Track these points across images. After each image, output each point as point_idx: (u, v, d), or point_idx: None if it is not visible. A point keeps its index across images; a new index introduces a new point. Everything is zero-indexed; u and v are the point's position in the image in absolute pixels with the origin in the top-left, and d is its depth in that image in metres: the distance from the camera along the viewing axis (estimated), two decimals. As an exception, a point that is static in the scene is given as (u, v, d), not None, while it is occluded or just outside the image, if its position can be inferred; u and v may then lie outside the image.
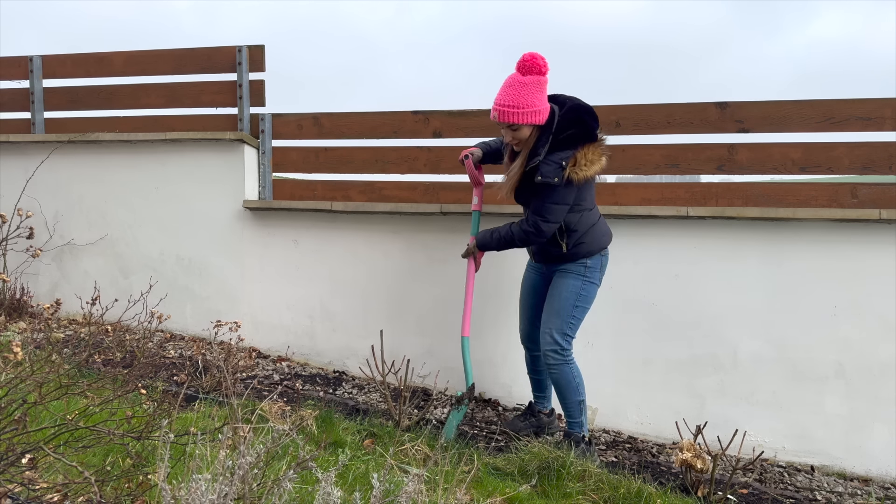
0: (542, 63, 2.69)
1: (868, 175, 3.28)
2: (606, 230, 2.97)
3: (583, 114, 2.74)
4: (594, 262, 2.89)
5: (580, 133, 2.70)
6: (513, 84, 2.70)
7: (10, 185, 4.42)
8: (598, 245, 2.89)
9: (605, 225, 2.98)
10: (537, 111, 2.70)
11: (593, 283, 2.91)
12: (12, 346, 1.98)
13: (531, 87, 2.69)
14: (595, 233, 2.88)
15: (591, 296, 2.91)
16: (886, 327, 3.11)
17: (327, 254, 3.96)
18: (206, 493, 1.42)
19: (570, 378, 2.87)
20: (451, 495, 2.04)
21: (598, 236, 2.89)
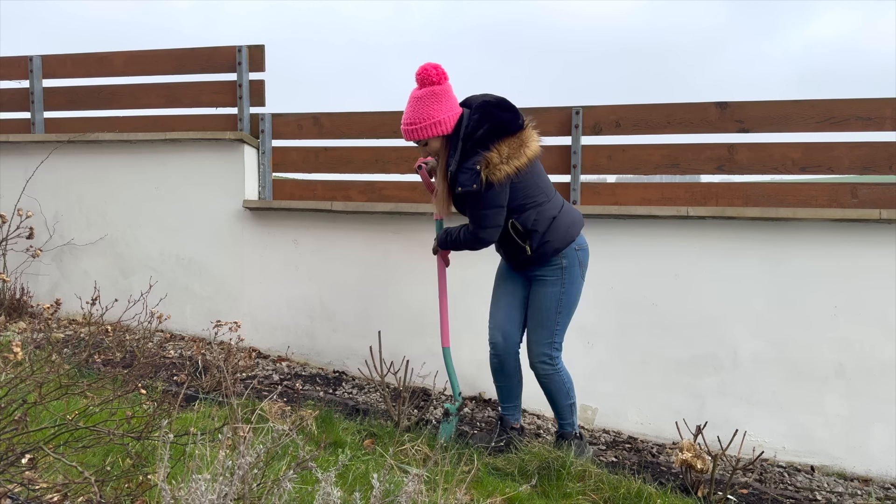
0: (433, 73, 2.61)
1: (868, 175, 3.28)
2: (572, 220, 2.72)
3: (490, 109, 2.59)
4: (570, 261, 2.70)
5: (490, 131, 2.55)
6: (410, 101, 2.66)
7: (10, 185, 4.42)
8: (565, 239, 2.68)
9: (569, 214, 2.73)
10: (437, 122, 2.61)
11: (573, 284, 2.73)
12: (12, 346, 1.97)
13: (426, 99, 2.62)
14: (559, 226, 2.67)
15: (574, 296, 2.76)
16: (886, 327, 3.11)
17: (327, 254, 3.96)
18: (206, 494, 1.42)
19: (561, 385, 2.80)
20: (451, 495, 2.04)
21: (562, 229, 2.67)
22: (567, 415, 2.85)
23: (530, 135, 2.62)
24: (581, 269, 2.75)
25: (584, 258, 2.77)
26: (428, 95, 2.63)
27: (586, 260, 2.79)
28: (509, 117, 2.58)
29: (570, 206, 2.78)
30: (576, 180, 3.61)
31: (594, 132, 3.61)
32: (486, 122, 2.56)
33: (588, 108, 3.61)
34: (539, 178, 2.67)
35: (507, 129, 2.56)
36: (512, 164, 2.53)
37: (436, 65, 2.64)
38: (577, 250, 2.72)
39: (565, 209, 2.73)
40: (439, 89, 2.63)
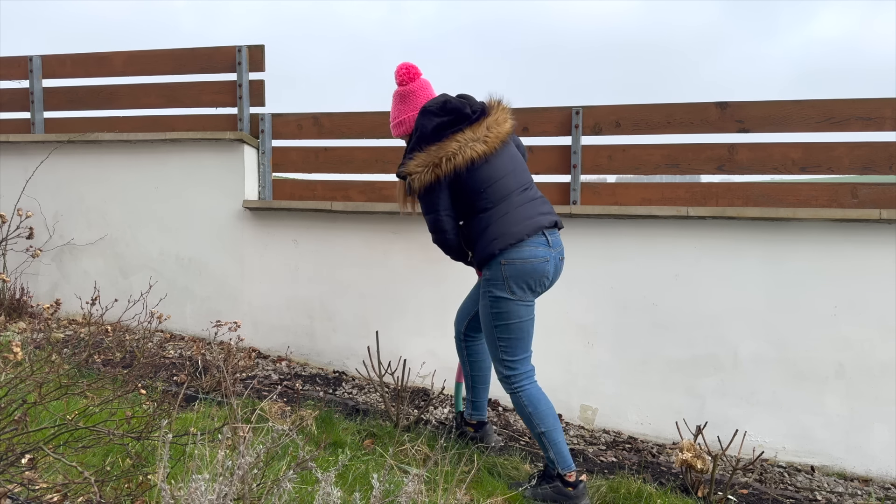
0: (402, 73, 2.66)
1: (868, 175, 3.28)
2: (500, 232, 2.46)
3: (424, 115, 2.52)
4: (492, 274, 2.48)
5: (417, 139, 2.51)
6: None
7: (10, 185, 4.42)
8: (484, 251, 2.47)
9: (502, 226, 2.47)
10: (399, 122, 2.69)
11: (498, 300, 2.47)
12: (12, 346, 1.97)
13: (395, 98, 2.71)
14: (485, 238, 2.48)
15: (506, 313, 2.47)
16: (886, 327, 3.11)
17: (327, 254, 3.96)
18: (206, 494, 1.41)
19: (521, 409, 2.51)
20: (451, 495, 2.04)
21: (487, 241, 2.47)
22: (541, 445, 2.51)
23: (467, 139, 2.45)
24: (507, 284, 2.45)
25: (516, 273, 2.44)
26: (396, 95, 2.70)
27: (523, 276, 2.45)
28: (438, 123, 2.48)
29: (518, 214, 2.50)
30: (576, 180, 3.61)
31: (594, 132, 3.61)
32: (416, 129, 2.54)
33: (588, 108, 3.61)
34: (484, 184, 2.49)
35: (432, 137, 2.48)
36: (431, 173, 2.47)
37: (407, 65, 2.66)
38: (504, 264, 2.44)
39: (502, 220, 2.49)
40: (404, 90, 2.67)
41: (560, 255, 2.57)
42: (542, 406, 2.49)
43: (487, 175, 2.49)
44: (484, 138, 2.48)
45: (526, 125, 3.68)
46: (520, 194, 2.54)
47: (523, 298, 2.48)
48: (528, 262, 2.45)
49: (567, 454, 2.48)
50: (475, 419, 2.93)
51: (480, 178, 2.48)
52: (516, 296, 2.46)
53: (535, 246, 2.47)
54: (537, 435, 2.50)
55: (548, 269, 2.49)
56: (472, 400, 2.93)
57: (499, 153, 2.52)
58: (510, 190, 2.52)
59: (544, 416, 2.48)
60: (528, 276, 2.45)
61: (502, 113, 2.57)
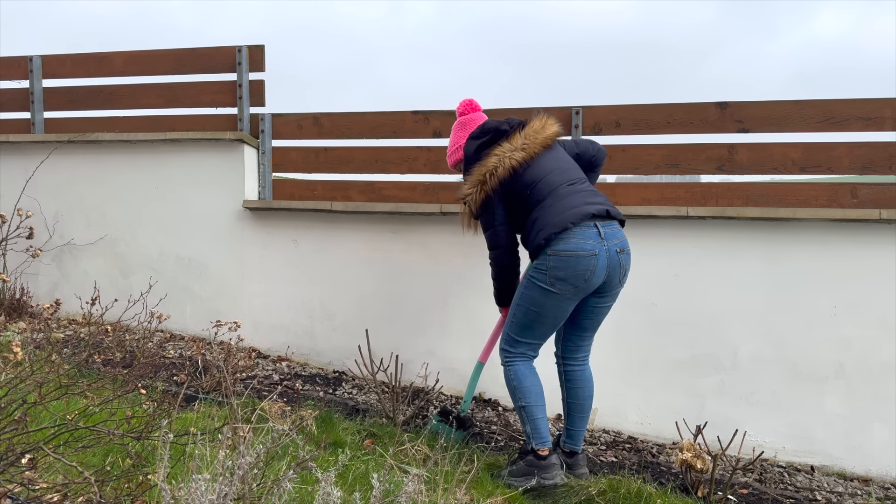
0: (462, 104, 2.93)
1: (868, 175, 3.28)
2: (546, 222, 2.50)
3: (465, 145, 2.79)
4: (539, 262, 2.51)
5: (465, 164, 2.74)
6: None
7: (10, 185, 4.42)
8: (533, 243, 2.53)
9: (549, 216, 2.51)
10: (455, 150, 2.90)
11: (536, 283, 2.51)
12: (12, 346, 1.97)
13: (453, 130, 2.93)
14: (534, 230, 2.55)
15: (530, 298, 2.53)
16: (886, 327, 3.11)
17: (327, 254, 3.96)
18: (206, 494, 1.42)
19: (507, 381, 2.64)
20: (451, 495, 2.04)
21: (535, 233, 2.53)
22: (520, 419, 2.65)
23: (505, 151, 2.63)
24: (548, 276, 2.47)
25: (560, 266, 2.45)
26: (456, 125, 2.92)
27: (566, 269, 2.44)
28: (477, 145, 2.70)
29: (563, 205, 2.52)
30: (576, 180, 3.61)
31: (594, 132, 3.61)
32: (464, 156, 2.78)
33: (588, 108, 3.61)
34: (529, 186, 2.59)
35: (473, 159, 2.70)
36: (482, 191, 2.64)
37: (469, 100, 2.94)
38: (550, 255, 2.46)
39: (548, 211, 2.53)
40: (463, 119, 2.90)
41: (618, 247, 2.51)
42: (527, 382, 2.59)
43: (531, 177, 2.61)
44: (522, 146, 2.63)
45: (526, 125, 3.68)
46: (567, 187, 2.59)
47: (560, 293, 2.48)
48: (573, 255, 2.43)
49: (544, 431, 2.55)
50: (568, 447, 2.75)
51: (525, 182, 2.61)
52: (554, 288, 2.48)
53: (584, 238, 2.45)
54: (518, 409, 2.61)
55: (594, 263, 2.44)
56: (568, 428, 2.76)
57: (541, 156, 2.65)
58: (556, 185, 2.59)
59: (527, 392, 2.58)
60: (571, 269, 2.43)
61: (543, 121, 2.72)
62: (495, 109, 3.78)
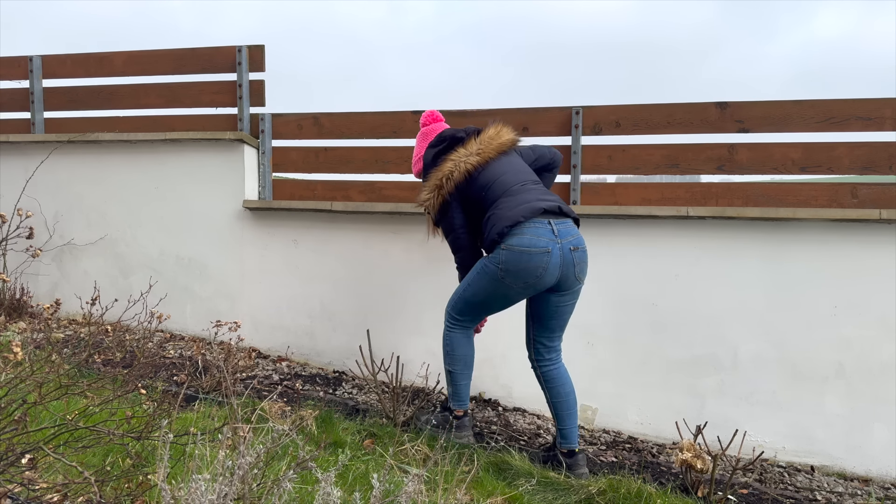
0: (424, 116, 3.04)
1: (868, 175, 3.28)
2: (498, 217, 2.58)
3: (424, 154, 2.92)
4: (493, 256, 2.59)
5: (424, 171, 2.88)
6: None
7: (10, 185, 4.42)
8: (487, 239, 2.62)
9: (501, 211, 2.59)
10: (417, 160, 3.03)
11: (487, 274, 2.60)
12: (12, 346, 1.97)
13: (416, 140, 3.07)
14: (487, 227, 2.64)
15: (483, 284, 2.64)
16: (886, 327, 3.11)
17: (327, 254, 3.96)
18: (206, 494, 1.42)
19: (443, 344, 2.84)
20: (451, 495, 2.04)
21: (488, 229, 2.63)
22: (447, 381, 2.88)
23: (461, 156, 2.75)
24: (499, 268, 2.55)
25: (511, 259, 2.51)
26: (419, 136, 3.06)
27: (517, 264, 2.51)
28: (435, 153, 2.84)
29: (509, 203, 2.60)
30: (576, 180, 3.61)
31: (594, 132, 3.61)
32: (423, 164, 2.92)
33: (588, 108, 3.61)
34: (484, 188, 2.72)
35: (430, 166, 2.83)
36: (438, 195, 2.76)
37: (431, 111, 3.06)
38: (503, 249, 2.53)
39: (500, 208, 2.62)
40: (425, 129, 3.03)
41: (572, 245, 2.55)
42: (460, 351, 2.80)
43: (486, 179, 2.72)
44: (477, 151, 2.76)
45: (526, 125, 3.68)
46: (520, 187, 2.68)
47: (510, 287, 2.58)
48: (525, 251, 2.49)
49: (464, 396, 2.84)
50: (565, 447, 2.73)
51: (480, 184, 2.72)
52: (503, 282, 2.58)
53: (537, 235, 2.51)
54: (446, 371, 2.85)
55: (546, 260, 2.49)
56: (560, 428, 2.74)
57: (496, 160, 2.77)
58: (508, 185, 2.69)
59: (458, 360, 2.80)
60: (523, 265, 2.50)
61: (500, 128, 2.85)
62: (495, 109, 3.78)
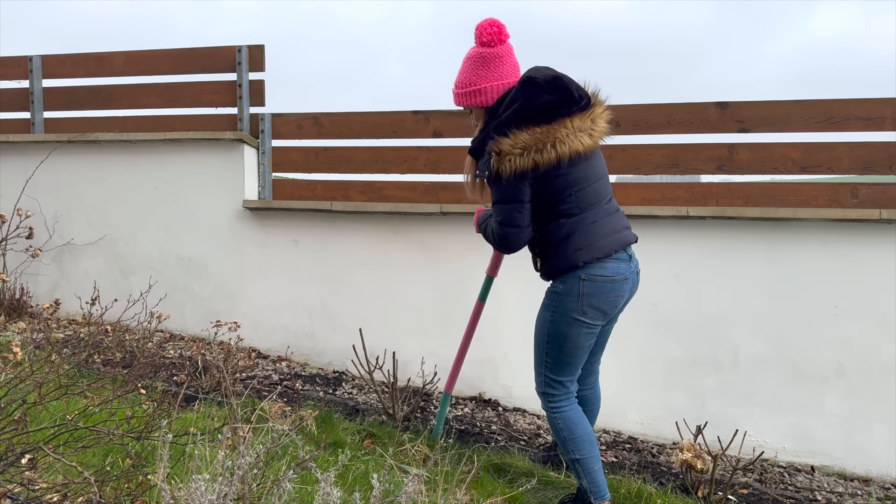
0: (486, 32, 2.22)
1: (868, 175, 3.29)
2: (587, 243, 2.18)
3: (530, 86, 2.12)
4: (566, 288, 2.20)
5: (516, 112, 2.11)
6: (463, 59, 2.32)
7: (10, 185, 4.42)
8: (566, 262, 2.18)
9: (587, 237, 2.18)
10: (476, 91, 2.24)
11: (563, 316, 2.21)
12: (12, 346, 1.97)
13: (472, 61, 2.25)
14: (568, 246, 2.18)
15: (563, 330, 2.22)
16: (886, 327, 3.11)
17: (327, 254, 3.96)
18: (206, 494, 1.41)
19: (556, 430, 2.31)
20: (451, 495, 2.04)
21: (569, 251, 2.18)
22: (574, 472, 2.31)
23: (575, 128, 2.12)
24: (580, 303, 2.18)
25: (594, 292, 2.18)
26: (476, 58, 2.25)
27: (600, 296, 2.19)
28: (546, 101, 2.10)
29: (606, 226, 2.22)
30: (576, 180, 3.60)
31: (594, 132, 3.60)
32: (516, 100, 2.13)
33: (588, 108, 3.60)
34: (575, 187, 2.18)
35: (537, 116, 2.10)
36: (529, 158, 2.08)
37: (494, 21, 2.23)
38: (583, 280, 2.17)
39: (590, 229, 2.20)
40: (489, 53, 2.23)
41: (637, 268, 2.32)
42: (579, 432, 2.27)
43: (584, 175, 2.18)
44: (590, 131, 2.15)
45: (526, 125, 3.68)
46: (607, 203, 2.27)
47: (592, 322, 2.22)
48: (609, 281, 2.19)
49: (602, 483, 2.28)
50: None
51: (574, 178, 2.17)
52: (586, 317, 2.20)
53: (618, 262, 2.22)
54: (571, 461, 2.29)
55: (625, 288, 2.25)
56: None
57: (597, 153, 2.25)
58: (601, 197, 2.24)
59: (580, 443, 2.26)
60: (605, 296, 2.20)
61: (604, 109, 2.23)
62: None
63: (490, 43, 2.23)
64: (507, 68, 2.25)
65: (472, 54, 2.27)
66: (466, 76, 2.27)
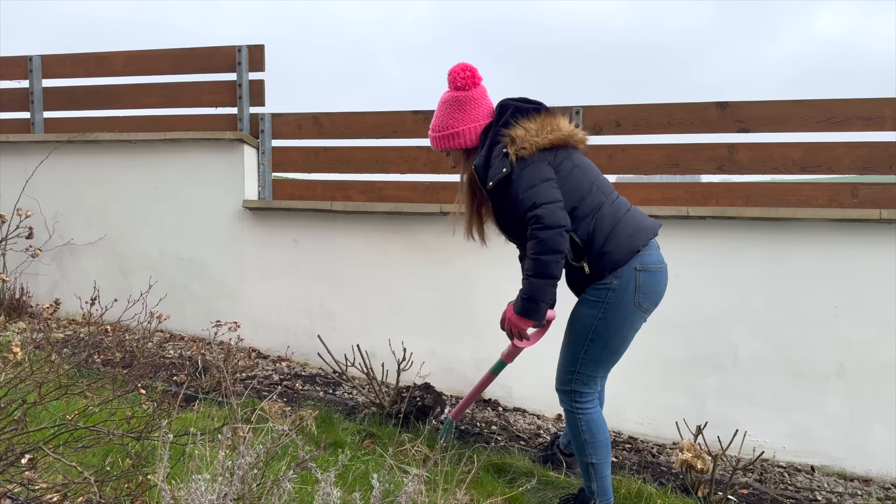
0: (459, 76, 2.29)
1: (868, 175, 3.29)
2: (636, 226, 2.18)
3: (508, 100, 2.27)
4: (622, 282, 2.14)
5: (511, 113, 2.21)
6: (438, 104, 2.37)
7: (10, 185, 4.42)
8: (627, 249, 2.13)
9: (634, 219, 2.20)
10: (455, 133, 2.30)
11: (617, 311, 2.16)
12: (12, 346, 1.97)
13: (448, 105, 2.31)
14: (620, 233, 2.15)
15: (615, 326, 2.17)
16: (886, 327, 3.11)
17: (327, 254, 3.96)
18: (206, 494, 1.41)
19: (578, 431, 2.25)
20: (451, 495, 2.04)
21: (624, 237, 2.14)
22: (584, 474, 2.30)
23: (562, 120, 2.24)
24: (636, 296, 2.15)
25: (650, 282, 2.16)
26: (451, 101, 2.31)
27: (654, 285, 2.18)
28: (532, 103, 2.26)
29: (636, 211, 2.26)
30: (576, 180, 3.60)
31: (594, 132, 3.61)
32: (503, 110, 2.24)
33: (588, 107, 3.61)
34: (591, 173, 2.23)
35: (530, 110, 2.22)
36: (545, 137, 2.14)
37: (466, 66, 2.29)
38: (639, 270, 2.14)
39: (633, 213, 2.23)
40: (464, 96, 2.29)
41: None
42: (601, 436, 2.25)
43: (591, 167, 2.27)
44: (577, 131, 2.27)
45: (526, 125, 3.68)
46: (618, 197, 2.28)
47: (646, 313, 2.21)
48: (659, 269, 2.19)
49: (609, 487, 2.28)
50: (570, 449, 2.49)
51: (588, 167, 2.24)
52: (641, 308, 2.17)
53: (657, 251, 2.23)
54: (585, 464, 2.27)
55: (667, 277, 2.25)
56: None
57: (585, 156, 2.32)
58: (609, 191, 2.25)
59: (600, 448, 2.25)
60: (657, 285, 2.19)
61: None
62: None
63: (464, 87, 2.30)
64: (482, 110, 2.31)
65: (447, 98, 2.33)
66: (443, 120, 2.33)
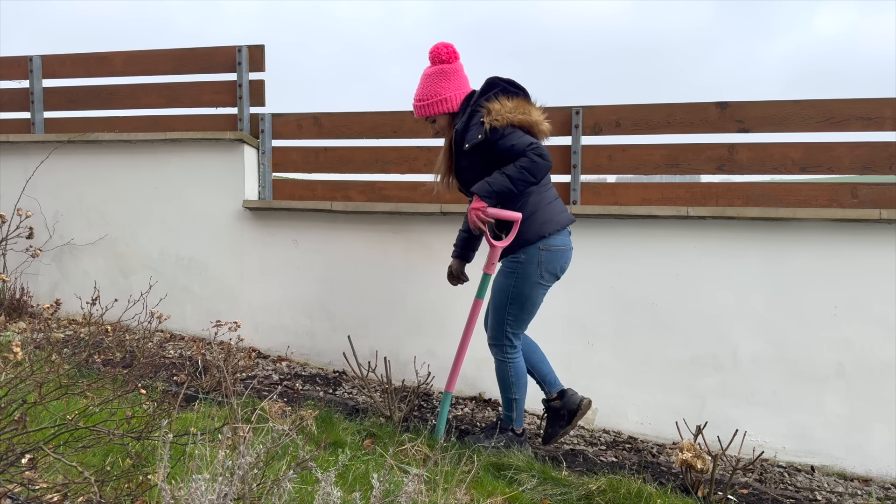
0: (443, 51, 2.75)
1: (868, 175, 3.29)
2: (549, 217, 2.69)
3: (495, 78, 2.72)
4: (528, 257, 2.67)
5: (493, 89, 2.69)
6: (421, 78, 2.82)
7: (10, 185, 4.42)
8: (533, 234, 2.65)
9: (550, 212, 2.71)
10: (443, 99, 2.75)
11: (526, 280, 2.69)
12: (12, 346, 1.97)
13: (435, 77, 2.76)
14: (534, 220, 2.67)
15: (525, 293, 2.70)
16: (886, 327, 3.11)
17: (327, 254, 3.96)
18: (206, 494, 1.41)
19: (505, 376, 2.82)
20: (451, 495, 2.04)
21: (536, 224, 2.66)
22: (506, 407, 2.88)
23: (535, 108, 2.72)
24: (539, 269, 2.67)
25: (550, 259, 2.68)
26: (438, 73, 2.76)
27: (554, 263, 2.70)
28: (511, 84, 2.70)
29: (559, 206, 2.77)
30: (576, 180, 3.61)
31: (594, 132, 3.61)
32: (491, 87, 2.71)
33: (588, 107, 3.61)
34: None
35: (511, 91, 2.68)
36: (516, 116, 2.60)
37: (447, 44, 2.76)
38: (542, 249, 2.66)
39: (552, 206, 2.72)
40: (448, 68, 2.76)
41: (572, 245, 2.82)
42: (524, 379, 2.83)
43: None
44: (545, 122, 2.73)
45: (526, 125, 3.68)
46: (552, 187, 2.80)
47: (547, 283, 2.73)
48: (560, 250, 2.70)
49: (522, 416, 2.88)
50: (555, 392, 2.92)
51: None
52: (544, 280, 2.70)
53: (566, 235, 2.75)
54: (508, 400, 2.84)
55: (569, 257, 2.76)
56: (544, 378, 2.94)
57: None
58: (550, 179, 2.79)
59: (521, 387, 2.82)
60: (557, 262, 2.70)
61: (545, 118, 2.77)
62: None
63: (448, 60, 2.76)
64: (463, 80, 2.80)
65: (432, 71, 2.78)
66: (430, 89, 2.77)
